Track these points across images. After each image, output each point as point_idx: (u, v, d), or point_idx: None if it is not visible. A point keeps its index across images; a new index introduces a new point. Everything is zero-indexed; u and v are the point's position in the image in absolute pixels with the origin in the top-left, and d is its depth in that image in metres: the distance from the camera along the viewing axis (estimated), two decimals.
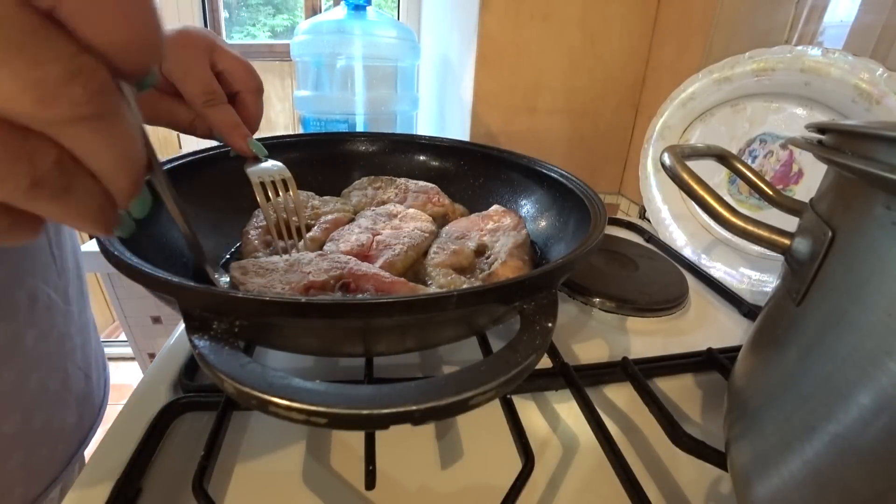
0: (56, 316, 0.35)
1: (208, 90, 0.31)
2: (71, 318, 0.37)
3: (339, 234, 0.39)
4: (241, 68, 0.33)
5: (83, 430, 0.39)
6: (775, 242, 0.23)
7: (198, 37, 0.31)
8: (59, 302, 0.36)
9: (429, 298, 0.21)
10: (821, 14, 0.44)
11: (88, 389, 0.40)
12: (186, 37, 0.31)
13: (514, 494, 0.23)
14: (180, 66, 0.30)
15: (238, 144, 0.33)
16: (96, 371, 0.42)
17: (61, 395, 0.36)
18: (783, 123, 0.48)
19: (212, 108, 0.31)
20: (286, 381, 0.17)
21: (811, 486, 0.17)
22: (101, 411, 0.42)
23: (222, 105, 0.32)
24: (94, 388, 0.41)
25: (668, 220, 0.59)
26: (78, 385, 0.38)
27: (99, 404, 0.42)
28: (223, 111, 0.32)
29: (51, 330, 0.35)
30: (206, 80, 0.31)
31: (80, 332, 0.39)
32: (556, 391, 0.33)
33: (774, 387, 0.20)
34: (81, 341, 0.39)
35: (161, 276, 0.21)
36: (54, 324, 0.35)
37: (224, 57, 0.32)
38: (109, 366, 0.48)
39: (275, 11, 1.75)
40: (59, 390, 0.36)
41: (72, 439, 0.37)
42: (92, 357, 0.41)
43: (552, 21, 0.65)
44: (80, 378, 0.39)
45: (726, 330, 0.43)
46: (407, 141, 0.53)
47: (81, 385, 0.39)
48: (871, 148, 0.16)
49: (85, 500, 0.24)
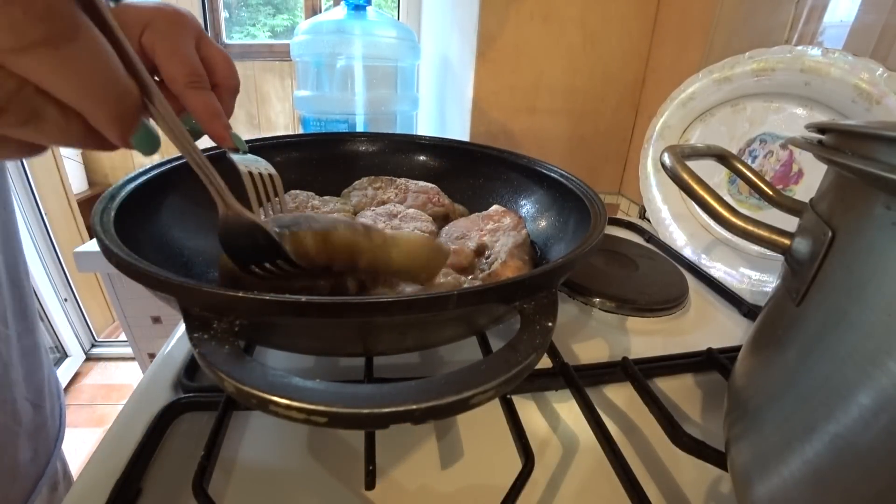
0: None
1: (194, 71, 0.28)
2: (10, 343, 0.33)
3: None
4: (224, 62, 0.31)
5: (39, 465, 0.36)
6: (775, 242, 0.23)
7: (187, 17, 0.29)
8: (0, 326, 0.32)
9: (429, 298, 0.21)
10: (821, 14, 0.44)
11: (41, 421, 0.36)
12: (176, 14, 0.28)
13: (514, 494, 0.23)
14: (167, 42, 0.27)
15: (219, 133, 0.30)
16: (49, 400, 0.38)
17: (11, 429, 0.33)
18: (783, 123, 0.48)
19: (195, 91, 0.28)
20: (286, 381, 0.17)
21: (811, 486, 0.17)
22: (59, 442, 0.39)
23: (206, 90, 0.29)
24: (47, 419, 0.37)
25: (668, 220, 0.59)
26: (27, 417, 0.35)
27: (55, 436, 0.38)
28: (207, 96, 0.29)
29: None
30: (194, 61, 0.28)
31: (24, 359, 0.35)
32: (556, 391, 0.33)
33: (774, 387, 0.20)
34: (26, 370, 0.35)
35: (161, 275, 0.21)
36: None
37: (209, 46, 0.30)
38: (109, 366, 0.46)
39: (275, 11, 1.75)
40: (9, 424, 0.33)
41: (27, 476, 0.34)
42: (44, 385, 0.38)
43: (552, 21, 0.65)
44: (29, 410, 0.35)
45: (726, 330, 0.43)
46: (407, 141, 0.53)
47: (31, 417, 0.35)
48: (871, 148, 0.16)
49: (85, 500, 0.24)
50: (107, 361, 1.60)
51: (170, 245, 0.33)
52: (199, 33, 0.29)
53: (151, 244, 0.31)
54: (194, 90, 0.28)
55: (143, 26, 0.27)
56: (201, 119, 0.29)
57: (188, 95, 0.28)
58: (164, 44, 0.27)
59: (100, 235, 0.24)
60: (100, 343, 1.63)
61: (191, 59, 0.28)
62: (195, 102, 0.29)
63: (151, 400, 0.30)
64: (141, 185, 0.32)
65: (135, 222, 0.29)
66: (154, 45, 0.27)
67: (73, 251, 0.79)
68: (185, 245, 0.34)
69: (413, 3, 1.13)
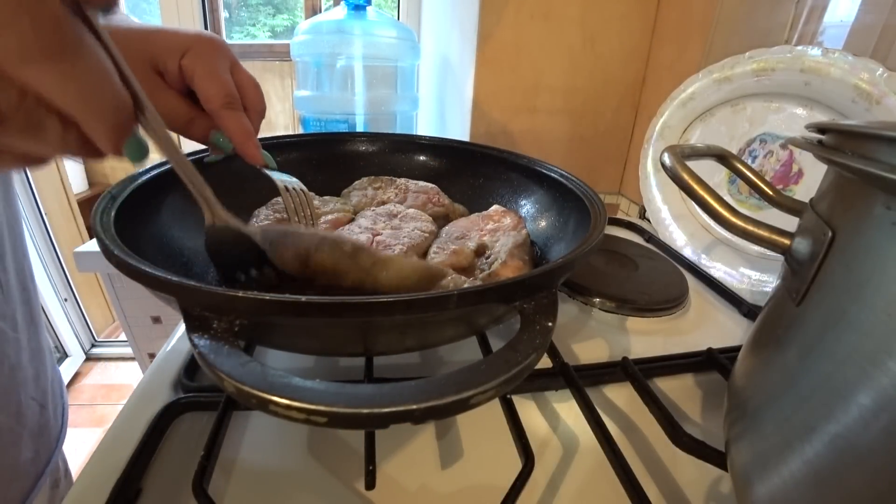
0: (4, 346, 0.33)
1: (230, 93, 0.31)
2: (20, 346, 0.35)
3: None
4: (254, 88, 0.33)
5: (39, 465, 0.36)
6: (775, 242, 0.23)
7: (223, 45, 0.32)
8: (8, 330, 0.33)
9: (429, 298, 0.21)
10: (821, 14, 0.44)
11: (44, 421, 0.37)
12: (213, 41, 0.31)
13: (514, 494, 0.23)
14: (206, 66, 0.30)
15: (252, 153, 0.33)
16: (52, 400, 0.39)
17: (14, 430, 0.34)
18: (783, 123, 0.48)
19: (230, 112, 0.31)
20: (286, 381, 0.17)
21: (811, 486, 0.17)
22: (60, 443, 0.40)
23: (240, 111, 0.32)
24: (49, 420, 0.38)
25: (668, 220, 0.59)
26: (32, 418, 0.36)
27: (56, 436, 0.39)
28: (241, 117, 0.32)
29: (3, 361, 0.32)
30: (229, 83, 0.31)
31: (32, 361, 0.36)
32: (556, 391, 0.33)
33: (774, 387, 0.20)
34: (34, 371, 0.36)
35: (161, 275, 0.21)
36: (5, 354, 0.33)
37: (241, 72, 0.33)
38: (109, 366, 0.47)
39: (275, 11, 1.75)
40: (13, 425, 0.33)
41: (27, 476, 0.35)
42: (48, 386, 0.39)
43: (552, 21, 0.65)
44: (35, 410, 0.36)
45: (726, 330, 0.43)
46: (407, 141, 0.53)
47: (36, 417, 0.36)
48: (871, 148, 0.16)
49: (85, 500, 0.24)
50: (107, 361, 1.60)
51: (170, 245, 0.33)
52: (233, 60, 0.32)
53: (151, 244, 0.31)
54: (230, 111, 0.31)
55: (183, 50, 0.30)
56: (235, 138, 0.32)
57: (224, 115, 0.31)
58: (203, 67, 0.30)
59: (100, 235, 0.24)
60: (100, 343, 1.63)
61: (227, 82, 0.31)
62: (230, 122, 0.31)
63: (151, 400, 0.30)
64: (141, 185, 0.32)
65: (135, 222, 0.29)
66: (194, 67, 0.30)
67: (73, 251, 0.79)
68: (185, 245, 0.34)
69: (413, 3, 1.13)
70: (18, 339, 0.35)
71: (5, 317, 0.33)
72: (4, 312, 0.33)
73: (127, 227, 0.27)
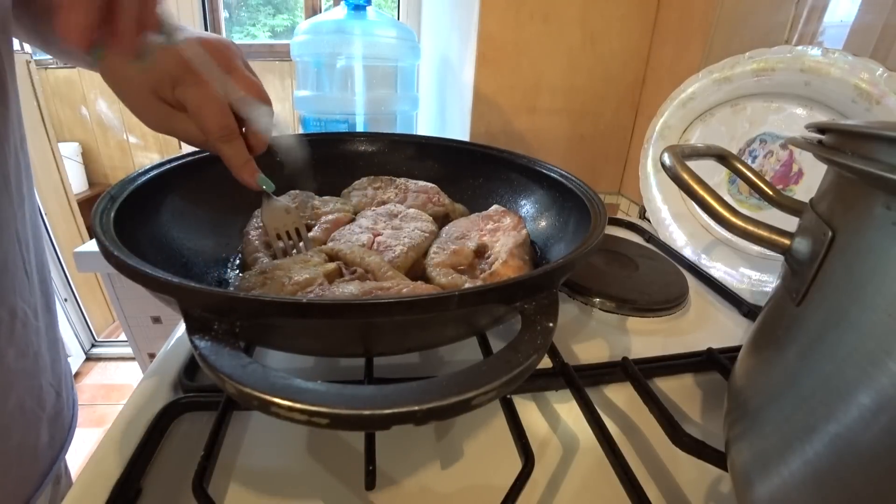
0: (30, 333, 0.35)
1: (223, 125, 0.31)
2: (40, 333, 0.36)
3: (339, 235, 0.39)
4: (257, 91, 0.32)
5: (55, 449, 0.38)
6: (775, 242, 0.23)
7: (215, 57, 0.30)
8: (31, 317, 0.35)
9: (429, 298, 0.21)
10: (821, 14, 0.44)
11: (59, 407, 0.39)
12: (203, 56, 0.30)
13: (514, 494, 0.23)
14: (195, 96, 0.30)
15: (247, 181, 0.34)
16: (66, 388, 0.41)
17: (36, 413, 0.35)
18: (783, 123, 0.48)
19: (225, 144, 0.32)
20: (287, 382, 0.17)
21: (811, 486, 0.17)
22: (71, 431, 0.41)
23: (235, 141, 0.32)
24: (64, 407, 0.40)
25: (668, 220, 0.59)
26: (50, 403, 0.37)
27: (68, 424, 0.41)
28: (235, 147, 0.32)
29: (28, 347, 0.34)
30: (221, 115, 0.31)
31: (49, 349, 0.38)
32: (556, 391, 0.33)
33: (774, 387, 0.20)
34: (52, 358, 0.38)
35: (161, 276, 0.21)
36: (30, 341, 0.34)
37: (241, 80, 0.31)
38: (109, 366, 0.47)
39: (275, 11, 1.75)
40: (35, 408, 0.35)
41: (44, 459, 0.36)
42: (62, 374, 0.40)
43: (552, 21, 0.65)
44: (52, 396, 0.38)
45: (726, 330, 0.43)
46: (407, 141, 0.53)
47: (53, 403, 0.38)
48: (871, 148, 0.16)
49: (85, 500, 0.24)
50: (107, 361, 1.60)
51: (170, 245, 0.33)
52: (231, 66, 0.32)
53: (151, 245, 0.31)
54: (224, 143, 0.32)
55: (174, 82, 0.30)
56: (231, 167, 0.33)
57: (219, 148, 0.32)
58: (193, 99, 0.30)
59: (99, 236, 0.24)
60: (100, 343, 1.63)
61: (218, 115, 0.31)
62: (225, 153, 0.32)
63: (151, 400, 0.30)
64: (141, 185, 0.32)
65: (135, 223, 0.29)
66: (185, 99, 0.30)
67: (73, 251, 0.79)
68: (185, 245, 0.34)
69: (413, 3, 1.12)
70: (39, 328, 0.36)
71: (29, 304, 0.34)
72: (28, 300, 0.34)
73: (127, 227, 0.27)
